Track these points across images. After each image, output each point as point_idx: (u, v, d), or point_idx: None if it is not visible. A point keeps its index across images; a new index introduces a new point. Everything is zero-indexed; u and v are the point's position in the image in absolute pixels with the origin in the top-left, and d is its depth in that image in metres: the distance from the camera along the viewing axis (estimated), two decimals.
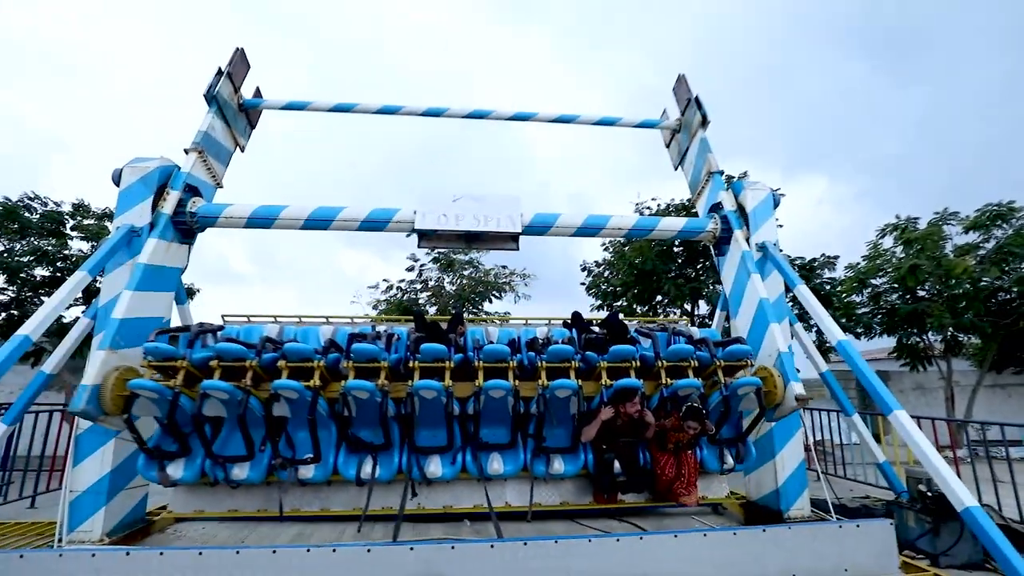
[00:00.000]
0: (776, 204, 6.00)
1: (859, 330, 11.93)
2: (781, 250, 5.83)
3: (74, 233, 9.54)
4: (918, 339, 12.13)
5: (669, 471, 4.60)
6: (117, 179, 5.09)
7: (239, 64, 6.06)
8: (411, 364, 4.48)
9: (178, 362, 4.25)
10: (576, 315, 5.82)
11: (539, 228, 5.48)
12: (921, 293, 11.82)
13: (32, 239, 8.99)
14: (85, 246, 9.54)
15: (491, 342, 5.17)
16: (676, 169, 7.07)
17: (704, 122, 6.32)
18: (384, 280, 11.02)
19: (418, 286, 11.01)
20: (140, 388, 3.97)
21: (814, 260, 11.21)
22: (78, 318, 4.86)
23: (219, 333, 4.94)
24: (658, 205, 11.17)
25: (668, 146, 7.19)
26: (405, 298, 10.79)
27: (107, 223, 9.83)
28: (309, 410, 4.18)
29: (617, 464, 4.69)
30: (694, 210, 10.58)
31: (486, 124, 6.38)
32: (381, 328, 5.54)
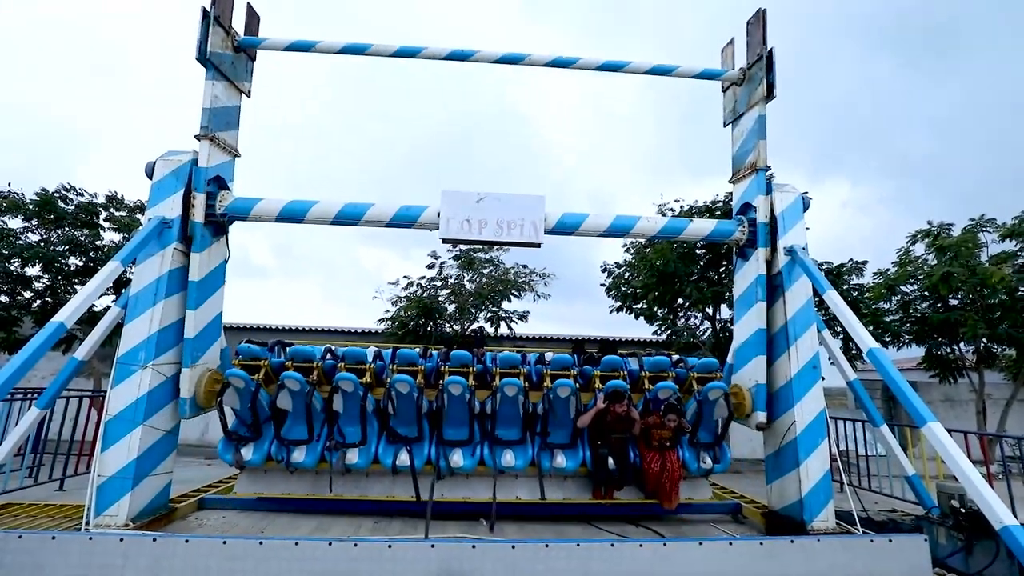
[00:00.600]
0: (806, 207, 5.86)
1: (887, 338, 11.60)
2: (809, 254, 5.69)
3: (107, 224, 9.82)
4: (949, 350, 11.74)
5: (655, 466, 5.24)
6: (150, 172, 5.20)
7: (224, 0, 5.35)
8: (442, 368, 5.42)
9: (261, 361, 5.40)
10: (577, 343, 7.29)
11: (565, 229, 5.43)
12: (953, 302, 11.45)
13: (67, 229, 9.28)
14: (117, 237, 9.81)
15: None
16: (725, 126, 6.25)
17: (769, 94, 5.48)
18: (405, 277, 11.15)
19: (438, 283, 11.04)
20: (234, 376, 4.96)
21: (842, 265, 10.94)
22: (109, 307, 4.98)
23: (288, 349, 5.90)
24: (680, 207, 11.01)
25: (724, 92, 6.28)
26: (425, 295, 10.82)
27: (139, 215, 10.11)
28: (362, 398, 5.08)
29: (611, 461, 5.35)
30: (717, 211, 10.49)
31: (505, 117, 6.37)
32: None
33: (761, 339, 5.42)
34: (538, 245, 5.28)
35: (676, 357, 6.40)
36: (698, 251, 10.42)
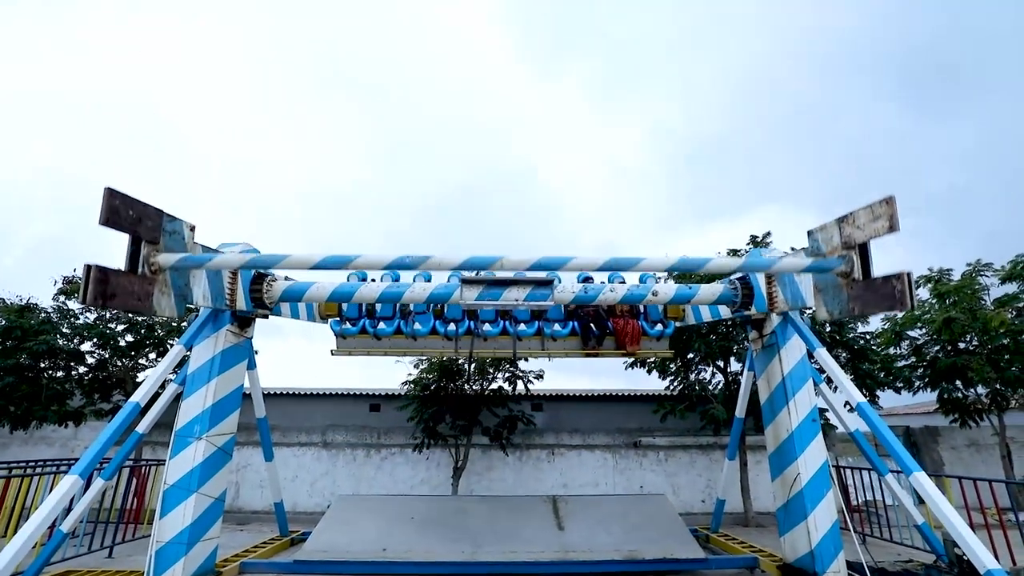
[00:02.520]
0: None
1: (899, 384, 11.70)
2: (804, 312, 6.15)
3: None
4: (962, 393, 11.78)
5: (620, 326, 7.23)
6: None
7: None
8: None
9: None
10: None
11: (582, 302, 5.92)
12: (962, 345, 11.60)
13: None
14: None
15: None
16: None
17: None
18: None
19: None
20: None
21: None
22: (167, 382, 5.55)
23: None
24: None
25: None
26: (445, 358, 11.34)
27: None
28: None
29: (593, 327, 7.23)
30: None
31: (512, 171, 7.17)
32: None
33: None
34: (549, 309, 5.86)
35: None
36: None
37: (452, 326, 7.19)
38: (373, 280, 6.98)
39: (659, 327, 7.47)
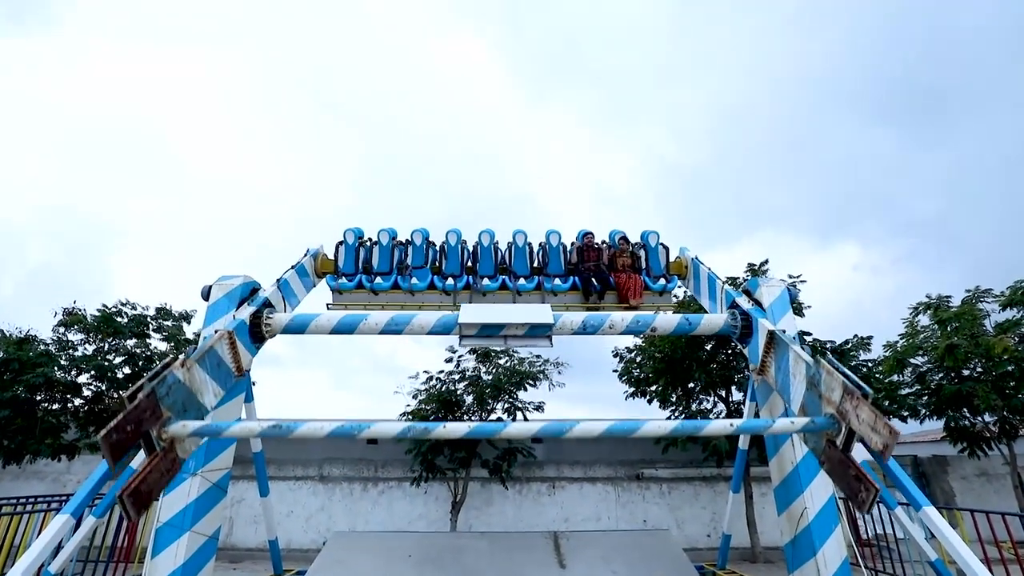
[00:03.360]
0: (793, 298, 6.35)
1: (904, 413, 11.56)
2: (806, 341, 6.11)
3: (155, 334, 10.69)
4: (969, 422, 11.61)
5: (622, 279, 7.07)
6: (206, 295, 5.95)
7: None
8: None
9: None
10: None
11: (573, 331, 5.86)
12: (967, 372, 11.51)
13: (122, 340, 10.15)
14: (163, 346, 10.64)
15: None
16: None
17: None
18: (424, 371, 11.74)
19: (456, 376, 11.52)
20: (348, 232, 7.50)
21: (846, 342, 11.21)
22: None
23: None
24: (685, 293, 11.58)
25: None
26: (444, 389, 11.27)
27: (183, 324, 11.02)
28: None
29: (594, 281, 7.10)
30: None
31: (504, 204, 7.33)
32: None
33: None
34: (549, 337, 5.78)
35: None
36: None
37: (450, 281, 7.09)
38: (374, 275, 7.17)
39: (662, 282, 7.40)
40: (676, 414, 11.04)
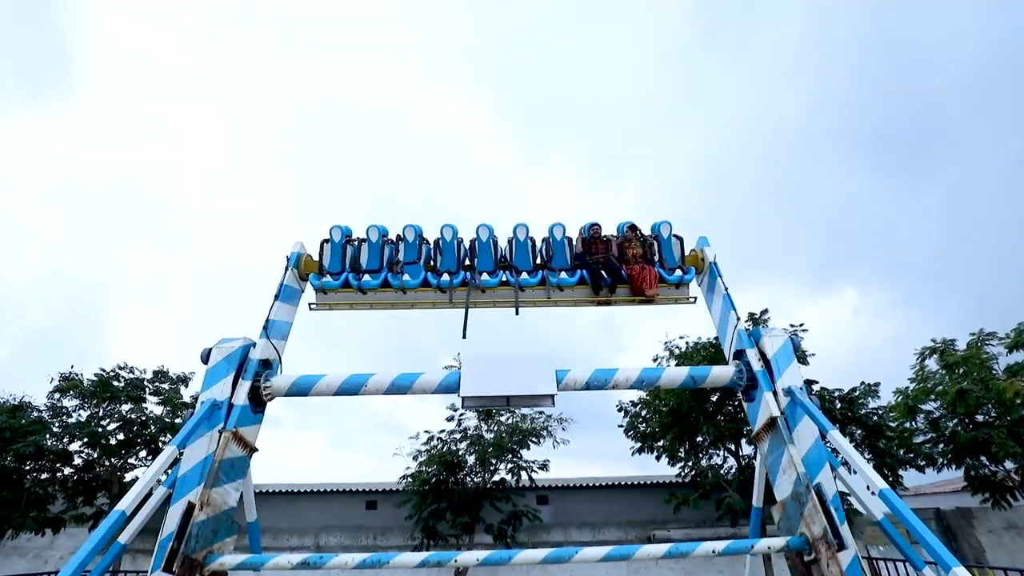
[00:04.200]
0: (796, 348, 6.30)
1: (921, 462, 11.18)
2: (813, 390, 6.01)
3: (152, 398, 10.51)
4: (990, 470, 11.22)
5: (635, 270, 6.57)
6: (206, 358, 5.90)
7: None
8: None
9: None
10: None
11: (579, 387, 5.76)
12: (981, 418, 11.24)
13: (117, 405, 9.97)
14: (159, 410, 10.43)
15: None
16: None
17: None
18: (425, 432, 11.43)
19: (457, 436, 11.22)
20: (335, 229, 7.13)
21: (854, 390, 11.01)
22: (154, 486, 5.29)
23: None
24: (687, 343, 11.52)
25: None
26: (445, 449, 10.94)
27: (181, 387, 10.85)
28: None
29: (604, 274, 6.60)
30: (721, 345, 10.89)
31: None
32: None
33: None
34: (551, 399, 5.67)
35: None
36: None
37: (446, 277, 6.58)
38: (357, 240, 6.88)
39: (678, 273, 6.86)
40: (685, 470, 10.67)
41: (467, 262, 6.82)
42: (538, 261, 6.92)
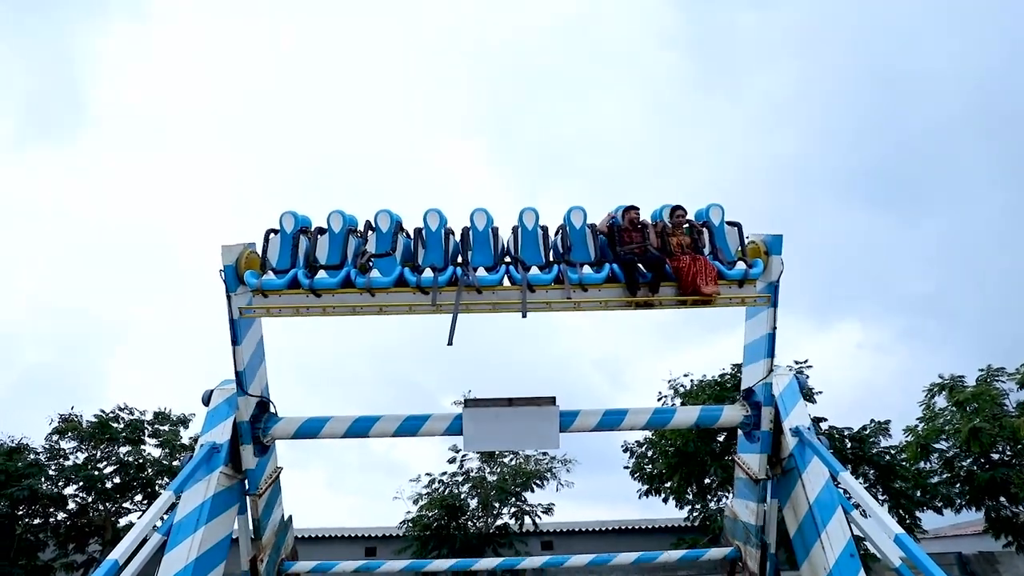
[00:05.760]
0: (802, 386, 6.24)
1: (939, 503, 10.84)
2: (822, 429, 5.90)
3: (151, 440, 10.38)
4: (1011, 512, 10.84)
5: (684, 263, 5.19)
6: (207, 400, 5.86)
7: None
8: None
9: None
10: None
11: (579, 428, 5.73)
12: (996, 456, 10.95)
13: (115, 447, 9.84)
14: (157, 452, 10.27)
15: None
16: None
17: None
18: (427, 474, 11.16)
19: (459, 478, 10.96)
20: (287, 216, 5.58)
21: (864, 428, 10.80)
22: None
23: None
24: (691, 381, 11.39)
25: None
26: (446, 492, 10.67)
27: (181, 428, 10.73)
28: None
29: (642, 267, 5.27)
30: (728, 383, 10.80)
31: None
32: None
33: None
34: (557, 446, 5.59)
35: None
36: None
37: (429, 273, 5.21)
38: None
39: (740, 266, 5.45)
40: (693, 513, 10.35)
41: (459, 258, 5.52)
42: (551, 255, 5.60)
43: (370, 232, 5.54)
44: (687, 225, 5.66)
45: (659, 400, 11.40)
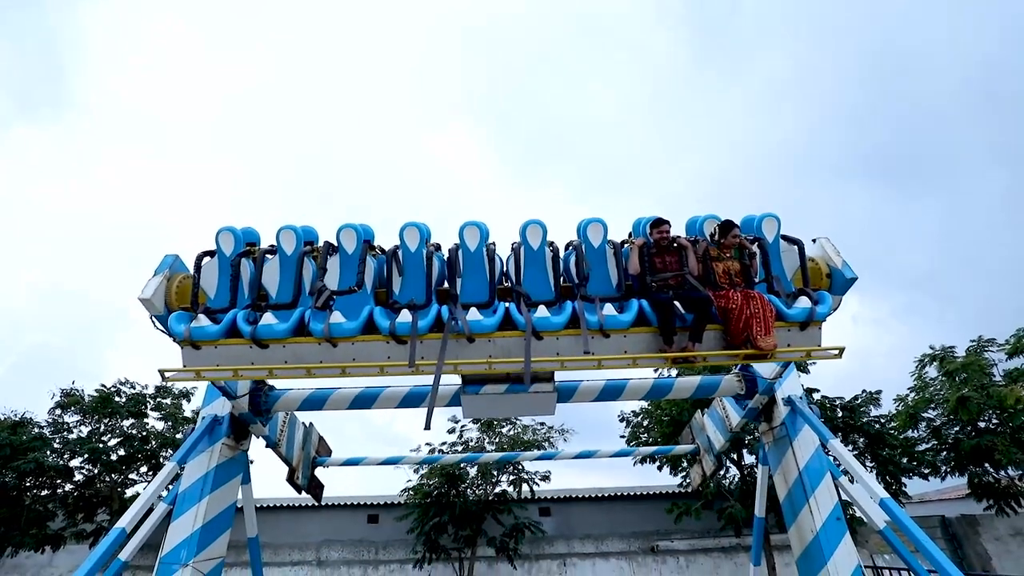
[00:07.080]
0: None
1: (925, 470, 11.14)
2: (814, 398, 6.02)
3: (153, 413, 10.53)
4: (993, 477, 11.16)
5: (735, 301, 4.01)
6: None
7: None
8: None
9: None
10: None
11: (579, 397, 5.83)
12: (983, 424, 11.20)
13: (118, 420, 10.00)
14: (160, 425, 10.43)
15: None
16: None
17: None
18: (427, 444, 11.38)
19: (459, 448, 11.20)
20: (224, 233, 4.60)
21: (855, 398, 11.00)
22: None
23: None
24: None
25: None
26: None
27: (183, 401, 10.87)
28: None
29: (679, 306, 4.06)
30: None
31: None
32: None
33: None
34: (552, 412, 5.69)
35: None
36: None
37: (406, 316, 4.00)
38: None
39: (804, 303, 4.17)
40: (686, 480, 10.62)
41: (444, 284, 4.45)
42: (563, 282, 4.50)
43: (332, 254, 4.39)
44: (739, 246, 4.36)
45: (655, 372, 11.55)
